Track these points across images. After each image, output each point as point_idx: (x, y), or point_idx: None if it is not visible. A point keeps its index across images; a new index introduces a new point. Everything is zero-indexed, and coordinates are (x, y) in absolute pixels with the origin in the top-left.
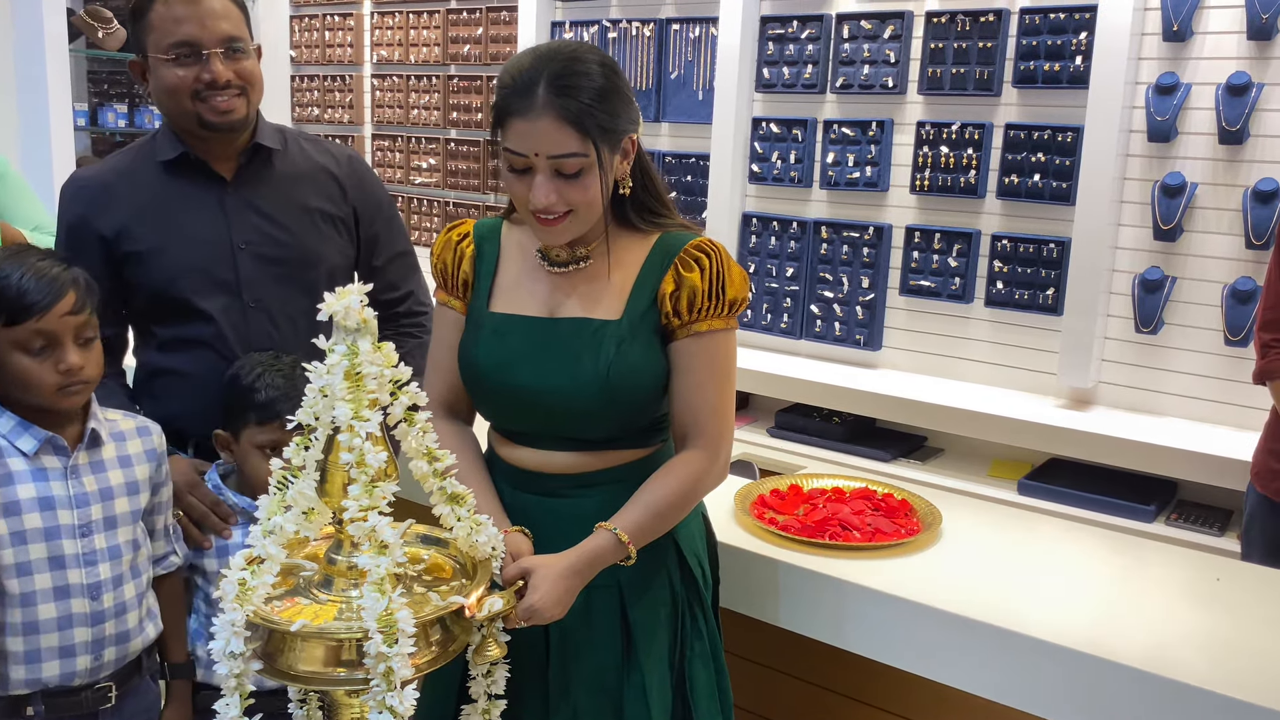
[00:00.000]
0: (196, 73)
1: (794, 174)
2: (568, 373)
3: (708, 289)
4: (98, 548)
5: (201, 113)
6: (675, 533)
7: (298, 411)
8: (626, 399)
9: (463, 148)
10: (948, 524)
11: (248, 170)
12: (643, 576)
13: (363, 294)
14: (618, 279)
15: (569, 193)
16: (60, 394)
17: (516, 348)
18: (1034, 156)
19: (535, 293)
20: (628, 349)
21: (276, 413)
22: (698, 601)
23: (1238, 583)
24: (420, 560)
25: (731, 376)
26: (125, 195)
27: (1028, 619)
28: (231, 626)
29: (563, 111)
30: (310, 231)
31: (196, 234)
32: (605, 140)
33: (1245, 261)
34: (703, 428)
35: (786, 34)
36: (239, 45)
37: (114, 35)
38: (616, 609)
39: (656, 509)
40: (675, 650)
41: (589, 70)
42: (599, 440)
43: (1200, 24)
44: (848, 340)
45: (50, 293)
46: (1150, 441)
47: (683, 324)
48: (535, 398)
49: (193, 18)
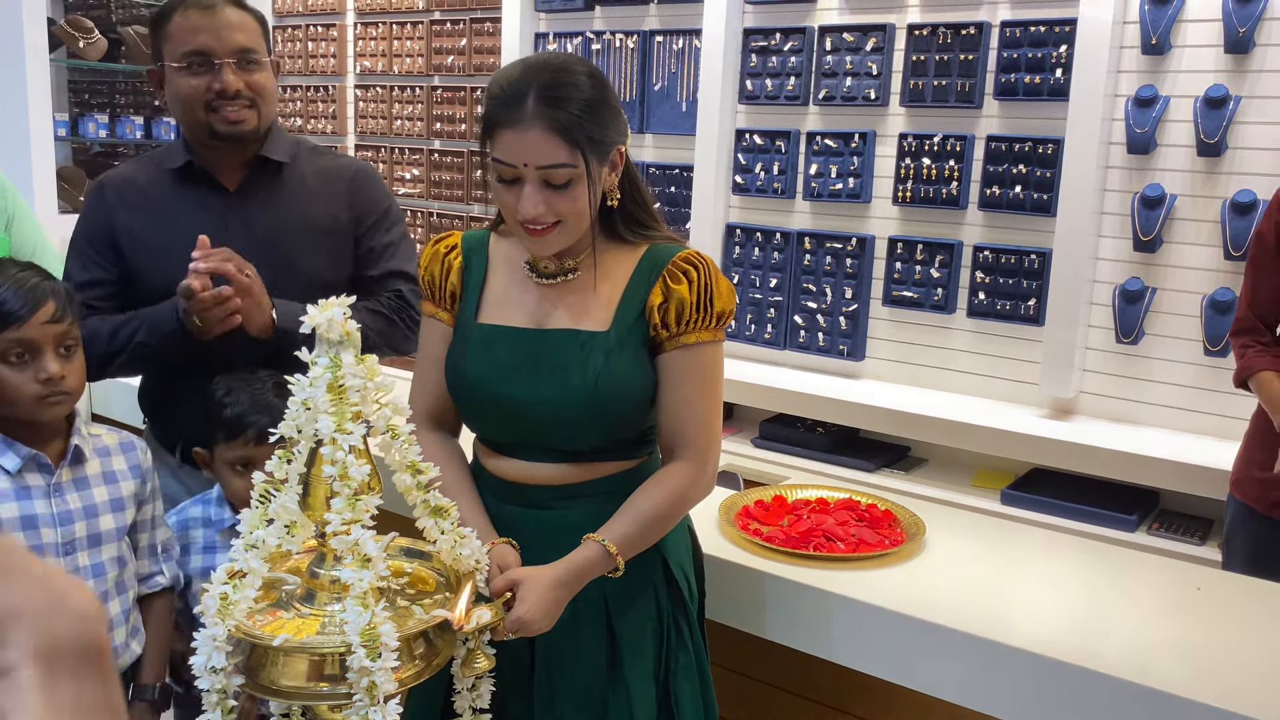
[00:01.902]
0: (208, 82)
1: (777, 185)
2: (556, 383)
3: (696, 301)
4: (80, 565)
5: (212, 122)
6: (662, 546)
7: (280, 424)
8: (614, 410)
9: (446, 158)
10: (931, 534)
11: (252, 182)
12: (629, 590)
13: (345, 307)
14: (605, 291)
15: (557, 203)
16: (41, 404)
17: (504, 359)
18: (1015, 168)
19: (523, 304)
20: (616, 360)
21: (243, 428)
22: (683, 615)
23: (1219, 592)
24: (404, 573)
25: (719, 388)
26: (137, 200)
27: (1011, 629)
28: (213, 641)
29: (552, 122)
30: (307, 247)
31: (194, 243)
32: (594, 151)
33: (1224, 272)
34: (691, 440)
35: (769, 46)
36: (253, 57)
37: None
38: (602, 622)
39: (644, 520)
40: (661, 664)
41: (578, 82)
42: (586, 452)
43: (1178, 37)
44: (831, 351)
45: (29, 302)
46: (1131, 451)
47: (671, 336)
48: (523, 409)
49: (208, 28)
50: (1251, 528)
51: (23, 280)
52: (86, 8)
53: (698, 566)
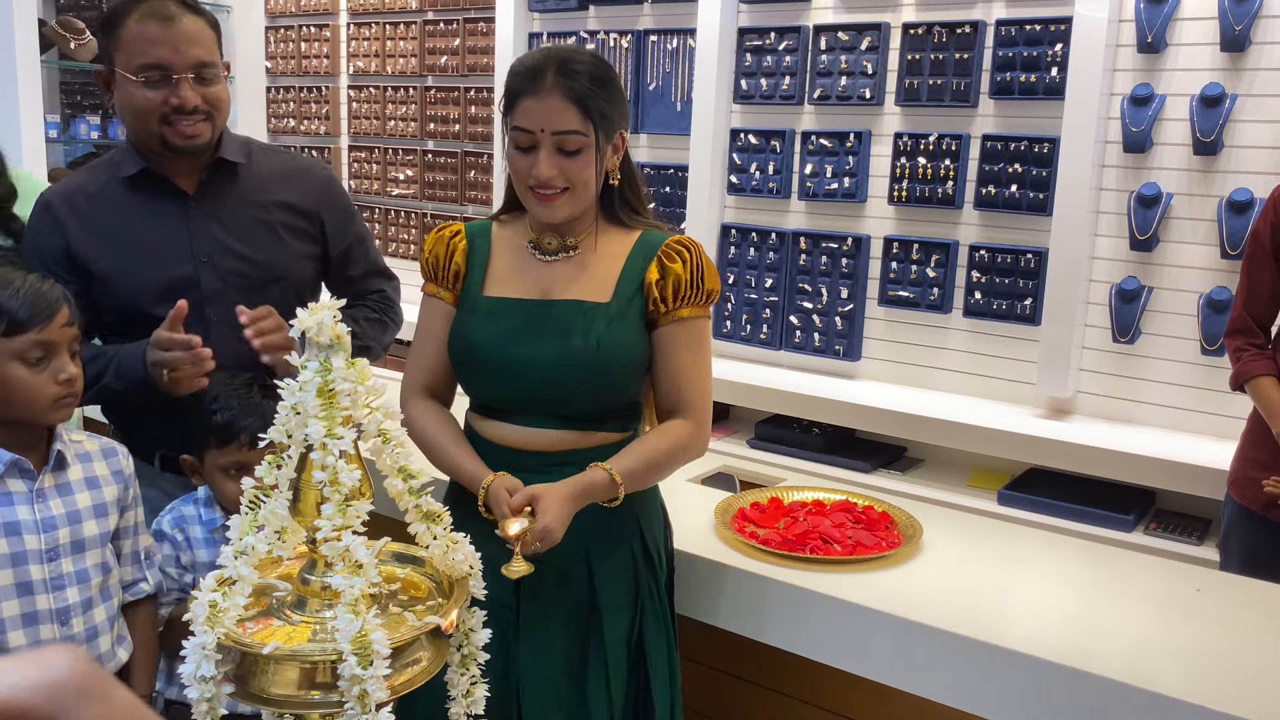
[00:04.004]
0: (165, 95)
1: (772, 185)
2: (560, 347)
3: (690, 278)
4: (65, 572)
5: (166, 135)
6: (639, 518)
7: (269, 429)
8: (612, 373)
9: (440, 159)
10: (928, 536)
11: (210, 184)
12: (609, 555)
13: (335, 309)
14: (605, 267)
15: (568, 168)
16: (56, 406)
17: (511, 326)
18: (1011, 167)
19: (527, 279)
20: (616, 328)
21: (235, 433)
22: (654, 582)
23: (1218, 593)
24: (395, 579)
25: (710, 360)
26: (89, 214)
27: (1008, 632)
28: (202, 649)
29: (568, 91)
30: (274, 244)
31: (159, 248)
32: (602, 125)
33: (1220, 271)
34: (689, 403)
35: (764, 45)
36: (210, 71)
37: (86, 46)
38: (585, 586)
39: (648, 459)
40: (634, 629)
41: (591, 61)
42: (580, 418)
43: (1174, 36)
44: (827, 351)
45: (49, 304)
46: (1128, 451)
47: (668, 310)
48: (527, 371)
49: (165, 40)
50: (1248, 528)
51: (38, 285)
52: (78, 9)
53: (668, 542)
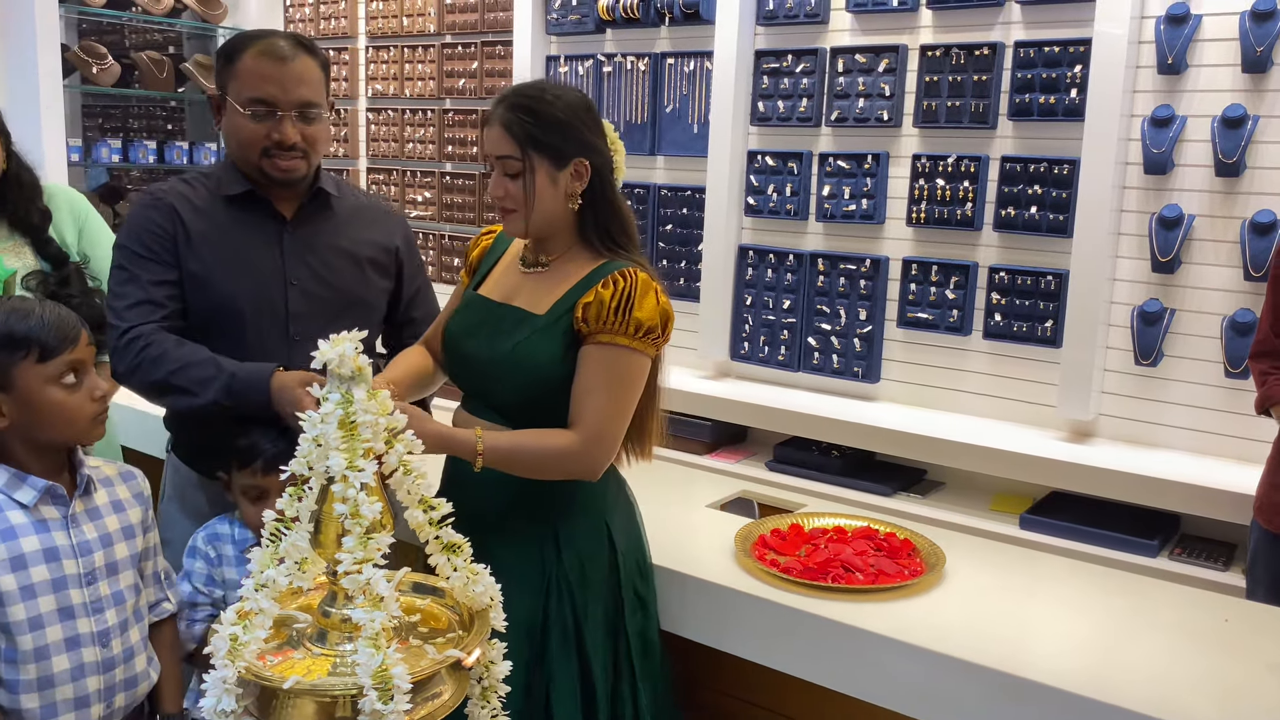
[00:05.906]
0: (268, 129)
1: (790, 206)
2: (489, 345)
3: (614, 306)
4: (103, 594)
5: (265, 166)
6: (613, 538)
7: (291, 461)
8: (524, 378)
9: (458, 181)
10: (951, 564)
11: (307, 211)
12: (586, 568)
13: (357, 341)
14: (558, 286)
15: (512, 189)
16: (94, 424)
17: (470, 321)
18: (1030, 189)
19: (504, 284)
20: (537, 338)
21: (254, 456)
22: (633, 591)
23: (1247, 624)
24: (415, 610)
25: (626, 391)
26: (190, 218)
27: (1031, 662)
28: (223, 683)
29: (502, 120)
30: (358, 277)
31: (253, 264)
32: (538, 151)
33: (1244, 293)
34: (580, 419)
35: (781, 68)
36: (313, 110)
37: (108, 71)
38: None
39: (517, 444)
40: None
41: (542, 97)
42: (512, 411)
43: (1195, 57)
44: (846, 373)
45: (72, 325)
46: (1151, 475)
47: (589, 333)
48: (467, 362)
49: (275, 79)
50: (1275, 554)
51: (56, 310)
52: (100, 34)
53: (644, 562)
